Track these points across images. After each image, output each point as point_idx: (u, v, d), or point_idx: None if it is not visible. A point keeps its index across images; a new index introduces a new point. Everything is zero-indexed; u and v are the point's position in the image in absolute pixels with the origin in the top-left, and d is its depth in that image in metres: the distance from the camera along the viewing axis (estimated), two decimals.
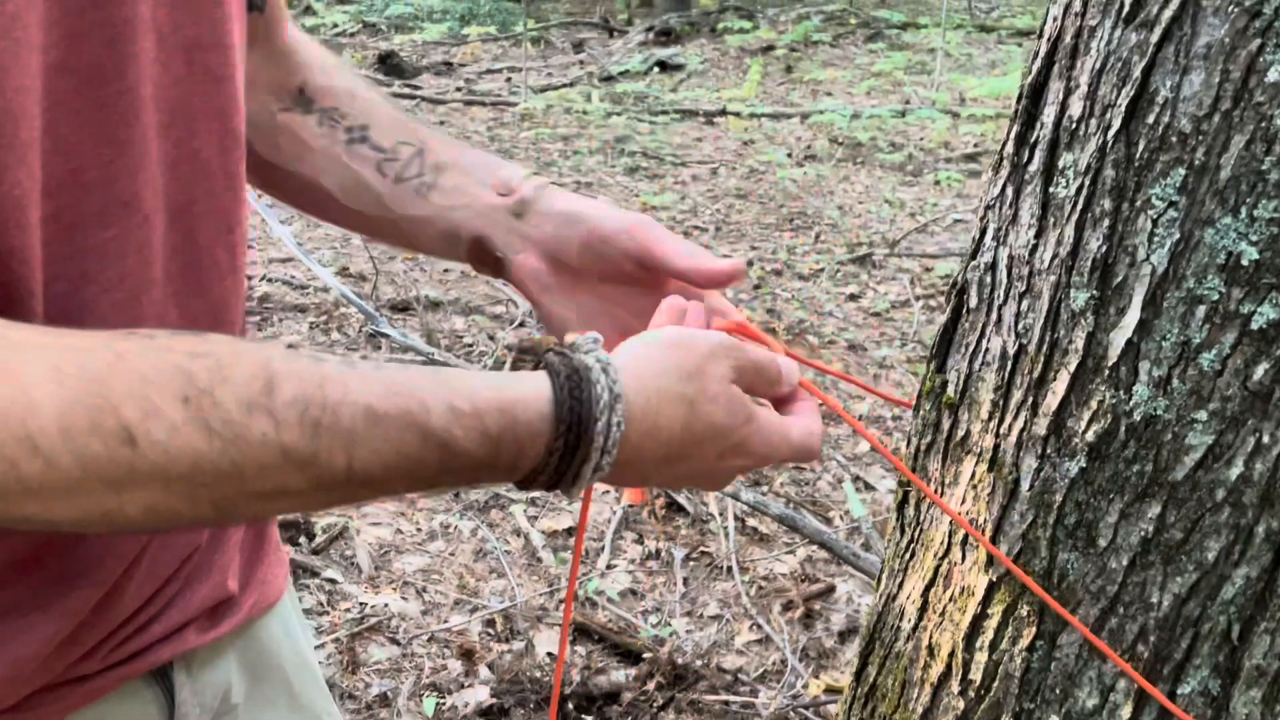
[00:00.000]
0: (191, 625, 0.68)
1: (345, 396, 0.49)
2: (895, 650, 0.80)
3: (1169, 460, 0.63)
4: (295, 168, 0.78)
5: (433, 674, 2.19)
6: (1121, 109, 0.61)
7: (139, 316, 0.58)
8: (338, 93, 0.79)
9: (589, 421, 0.52)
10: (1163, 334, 0.62)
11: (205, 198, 0.62)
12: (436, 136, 0.78)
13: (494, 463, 0.51)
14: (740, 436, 0.58)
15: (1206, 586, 0.65)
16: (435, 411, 0.50)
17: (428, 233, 0.75)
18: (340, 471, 0.48)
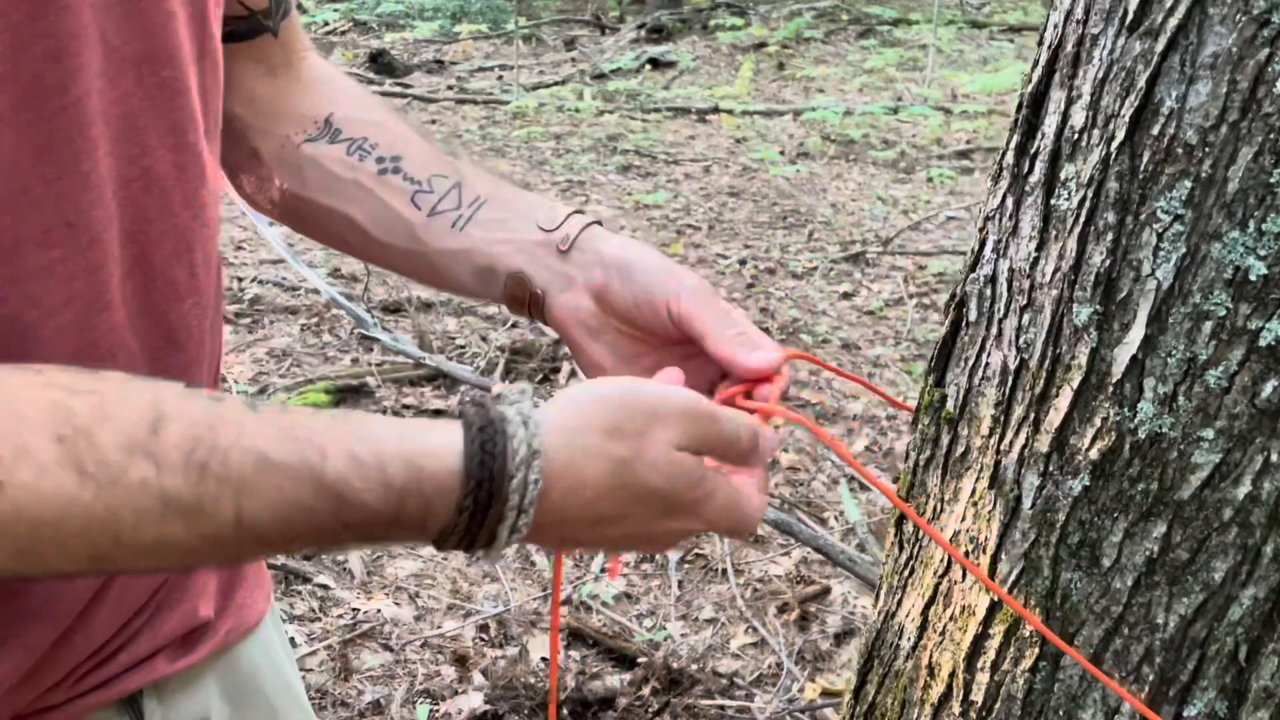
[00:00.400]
0: (162, 653, 0.66)
1: (238, 440, 0.46)
2: (895, 669, 0.79)
3: (1175, 479, 0.62)
4: (323, 200, 0.74)
5: (426, 680, 2.18)
6: (1125, 119, 0.59)
7: (92, 341, 0.56)
8: (367, 123, 0.76)
9: (502, 478, 0.49)
10: (1168, 350, 0.60)
11: (161, 217, 0.59)
12: (474, 170, 0.75)
13: (399, 519, 0.48)
14: (688, 501, 0.54)
15: (1213, 607, 0.63)
16: (333, 459, 0.46)
17: (462, 267, 0.72)
18: (228, 523, 0.45)
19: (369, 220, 0.73)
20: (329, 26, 9.10)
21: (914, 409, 0.80)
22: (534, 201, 0.73)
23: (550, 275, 0.70)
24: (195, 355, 0.64)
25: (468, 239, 0.71)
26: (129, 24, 0.56)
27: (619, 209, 4.93)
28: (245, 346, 3.49)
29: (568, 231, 0.70)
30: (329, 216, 0.75)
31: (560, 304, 0.70)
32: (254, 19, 0.75)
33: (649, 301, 0.67)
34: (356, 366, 3.30)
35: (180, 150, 0.60)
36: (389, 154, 0.74)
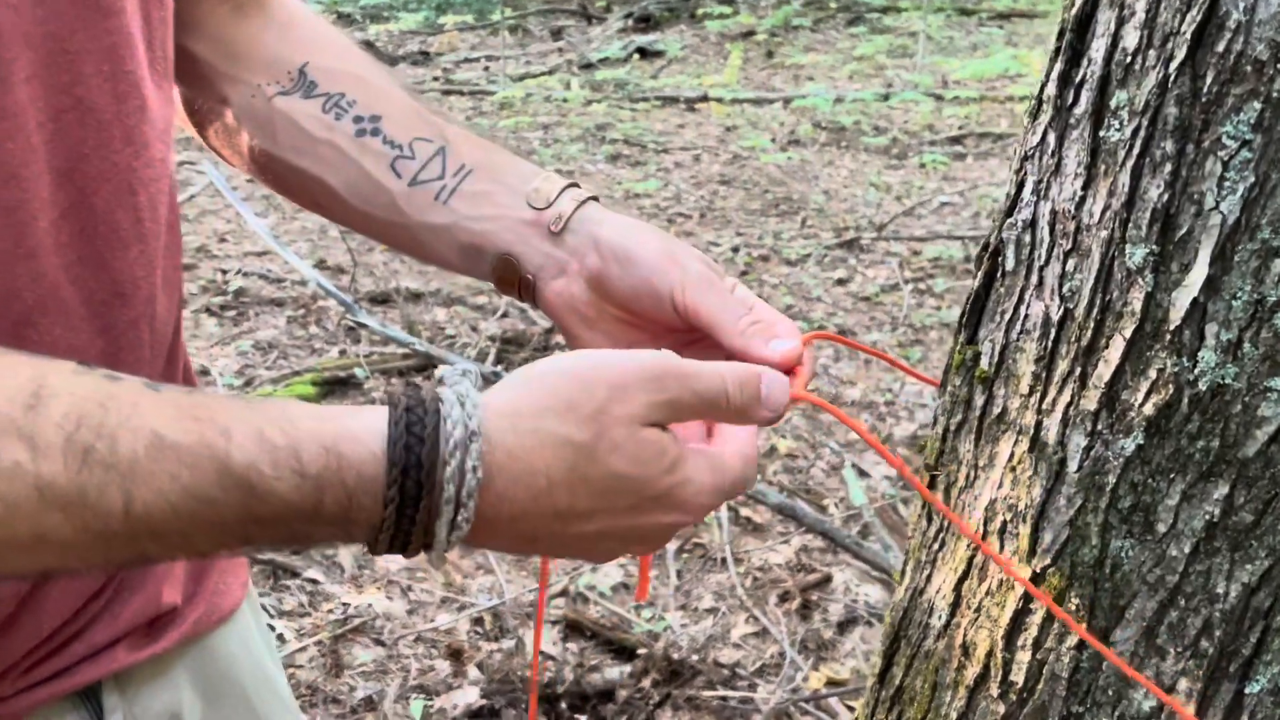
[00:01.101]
0: (122, 642, 0.61)
1: (128, 420, 0.40)
2: (924, 649, 0.73)
3: (1239, 434, 0.57)
4: (295, 160, 0.68)
5: (420, 675, 2.12)
6: (1186, 37, 0.54)
7: (14, 291, 0.50)
8: (346, 76, 0.69)
9: (433, 464, 0.42)
10: (1233, 292, 0.55)
11: (99, 154, 0.53)
12: (461, 133, 0.68)
13: (318, 513, 0.42)
14: (661, 488, 0.47)
15: (1279, 574, 0.58)
16: (239, 442, 0.40)
17: (446, 243, 0.66)
18: (116, 515, 0.39)
19: (345, 187, 0.67)
20: None
21: (935, 380, 0.74)
22: (525, 172, 0.66)
23: (542, 259, 0.64)
24: (143, 311, 0.57)
25: (452, 213, 0.65)
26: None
27: (609, 198, 4.87)
28: (230, 339, 3.42)
29: (560, 210, 0.64)
30: (302, 178, 0.68)
31: (553, 290, 0.64)
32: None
33: (652, 291, 0.61)
34: (344, 358, 3.23)
35: (117, 79, 0.54)
36: (368, 113, 0.67)
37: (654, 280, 0.61)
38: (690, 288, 0.61)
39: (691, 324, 0.62)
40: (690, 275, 0.61)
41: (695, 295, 0.61)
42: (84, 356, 0.55)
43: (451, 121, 0.70)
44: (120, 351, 0.57)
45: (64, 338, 0.54)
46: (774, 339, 0.60)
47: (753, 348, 0.60)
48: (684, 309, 0.61)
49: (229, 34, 0.69)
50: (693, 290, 0.61)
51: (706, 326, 0.61)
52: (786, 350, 0.60)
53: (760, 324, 0.61)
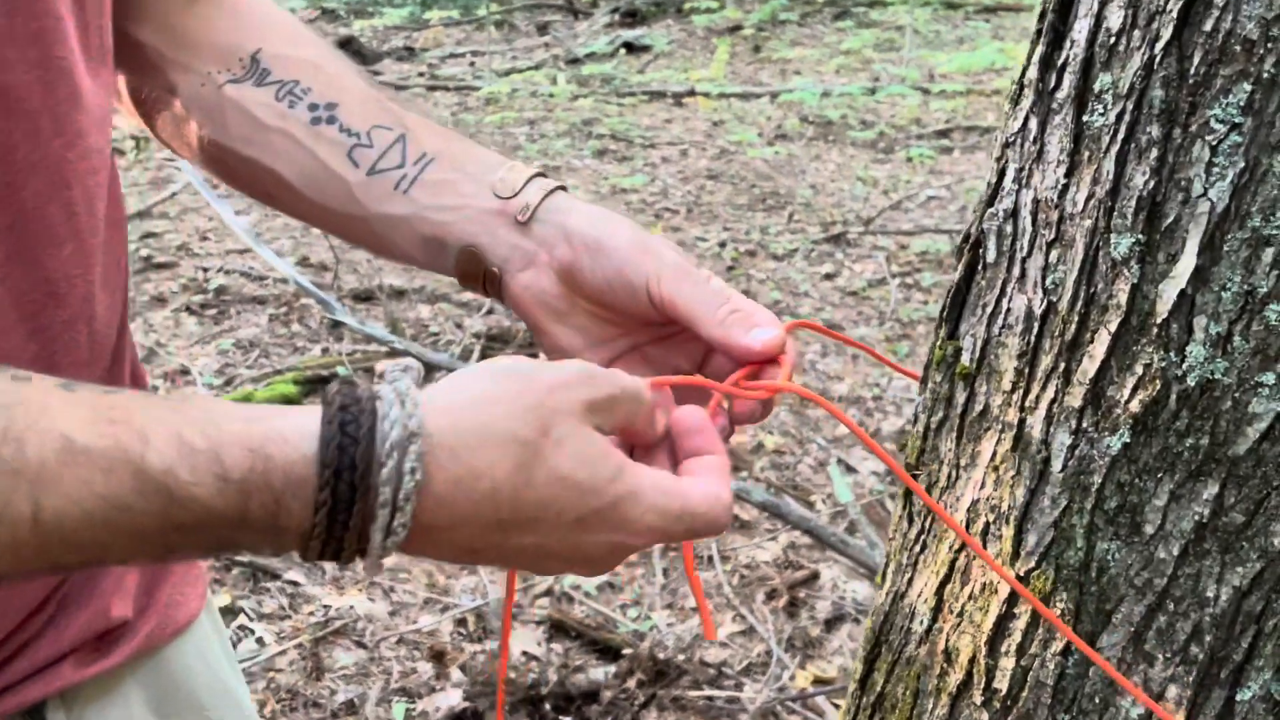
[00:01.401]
0: (68, 659, 0.58)
1: (36, 423, 0.37)
2: (906, 655, 0.71)
3: (1229, 432, 0.54)
4: (246, 150, 0.65)
5: (402, 678, 2.09)
6: (1172, 15, 0.51)
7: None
8: (300, 63, 0.66)
9: (368, 466, 0.40)
10: (1223, 283, 0.52)
11: (27, 144, 0.50)
12: (421, 121, 0.65)
13: (243, 518, 0.39)
14: (608, 499, 0.44)
15: (1271, 577, 0.56)
16: (155, 445, 0.38)
17: (405, 235, 0.63)
18: (24, 522, 0.37)
19: (299, 177, 0.64)
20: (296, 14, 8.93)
21: (919, 375, 0.72)
22: (489, 161, 0.63)
23: (508, 250, 0.61)
24: (79, 311, 0.54)
25: (412, 203, 0.62)
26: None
27: (595, 193, 4.84)
28: (211, 338, 3.38)
29: (527, 200, 0.61)
30: (253, 169, 0.65)
31: (520, 283, 0.61)
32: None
33: (625, 282, 0.59)
34: (327, 356, 3.20)
35: (45, 66, 0.51)
36: (323, 100, 0.64)
37: (628, 270, 0.59)
38: (666, 278, 0.59)
39: (667, 315, 0.59)
40: (666, 265, 0.59)
41: (672, 285, 0.59)
42: (16, 361, 0.52)
43: (411, 110, 0.67)
44: (55, 355, 0.54)
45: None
46: (755, 327, 0.58)
47: (734, 336, 0.58)
48: (660, 299, 0.59)
49: (177, 20, 0.66)
50: (669, 280, 0.59)
51: (684, 317, 0.59)
52: (769, 338, 0.58)
53: (740, 313, 0.59)
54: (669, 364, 0.63)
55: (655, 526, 0.45)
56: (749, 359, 0.59)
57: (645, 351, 0.62)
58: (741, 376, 0.60)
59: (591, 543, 0.45)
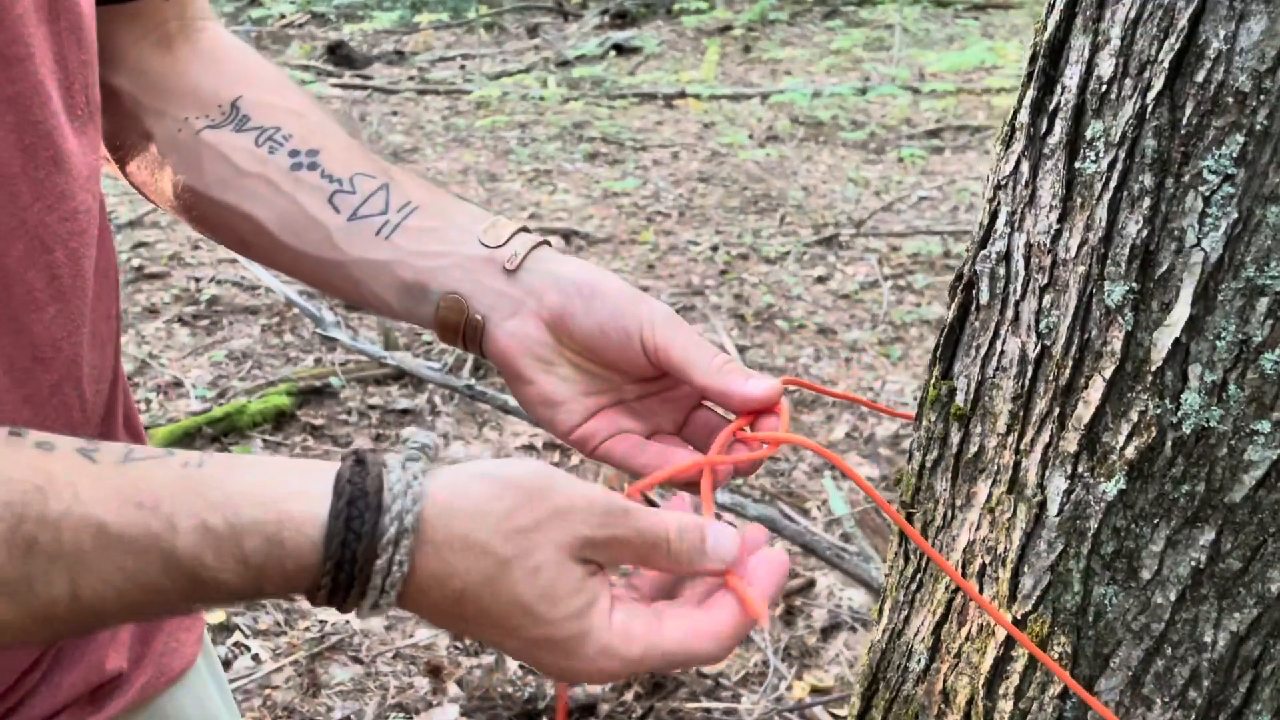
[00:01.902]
0: (63, 714, 0.58)
1: (71, 508, 0.40)
2: (903, 694, 0.71)
3: (1225, 479, 0.54)
4: (222, 195, 0.64)
5: (399, 694, 2.09)
6: (1164, 66, 0.51)
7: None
8: (281, 110, 0.65)
9: (368, 559, 0.44)
10: (1217, 332, 0.52)
11: (5, 212, 0.50)
12: (406, 174, 0.65)
13: (259, 592, 0.44)
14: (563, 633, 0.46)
15: (1269, 622, 0.56)
16: (183, 533, 0.41)
17: (384, 281, 0.62)
18: (63, 600, 0.40)
19: (275, 221, 0.63)
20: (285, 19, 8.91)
21: (913, 415, 0.71)
22: (474, 213, 0.63)
23: (494, 298, 0.60)
24: (66, 373, 0.54)
25: (394, 249, 0.61)
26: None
27: (587, 197, 4.83)
28: (204, 349, 3.36)
29: (515, 249, 0.61)
30: (228, 214, 0.64)
31: (505, 331, 0.60)
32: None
33: (619, 327, 0.59)
34: (320, 367, 3.19)
35: (23, 130, 0.50)
36: (305, 147, 0.63)
37: (621, 316, 0.59)
38: (660, 325, 0.59)
39: (659, 362, 0.59)
40: (658, 314, 0.60)
41: (665, 333, 0.59)
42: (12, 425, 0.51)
43: (395, 165, 0.67)
44: (47, 419, 0.54)
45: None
46: (750, 378, 0.58)
47: (731, 385, 0.58)
48: (653, 346, 0.59)
49: (152, 66, 0.66)
50: (662, 328, 0.59)
51: (678, 365, 0.59)
52: (769, 386, 0.58)
53: (733, 363, 0.59)
54: (652, 419, 0.62)
55: (605, 669, 0.47)
56: (748, 407, 0.59)
57: (629, 406, 0.62)
58: (740, 425, 0.60)
59: (548, 662, 0.47)
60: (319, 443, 2.85)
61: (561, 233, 4.34)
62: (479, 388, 2.54)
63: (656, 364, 0.59)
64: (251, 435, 2.85)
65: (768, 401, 0.58)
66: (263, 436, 2.85)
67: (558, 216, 4.58)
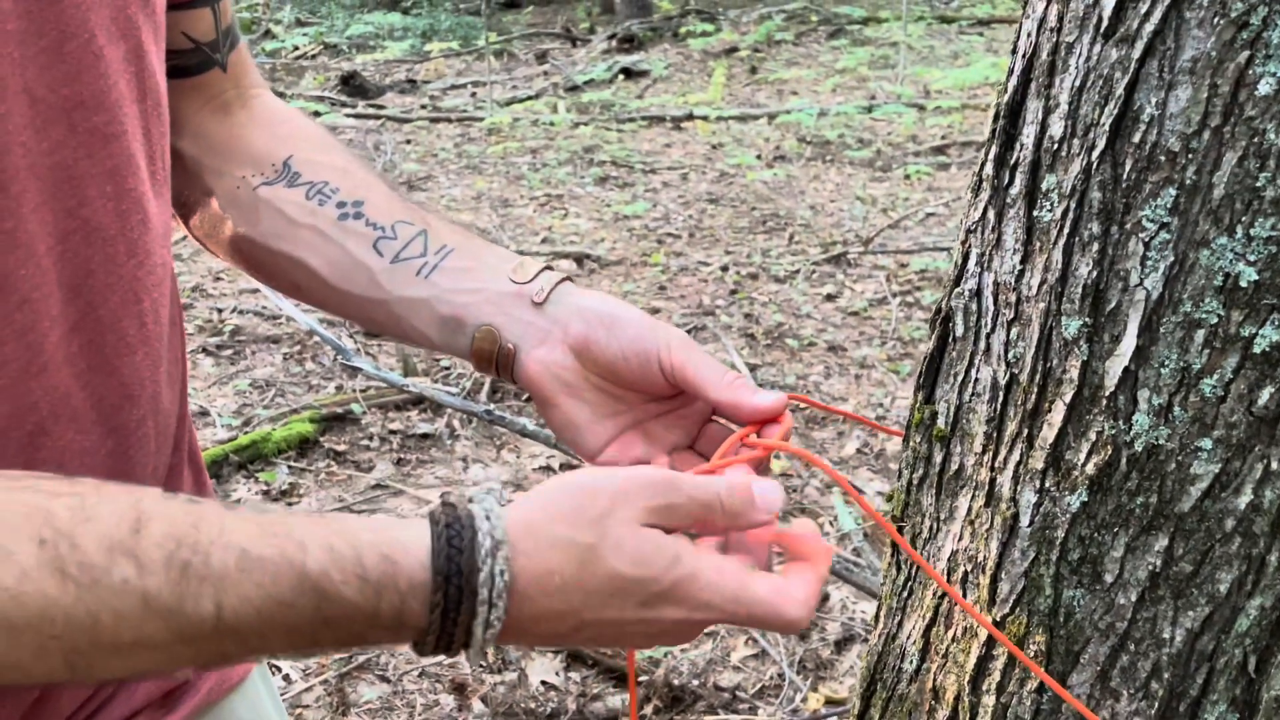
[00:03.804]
0: (139, 716, 0.64)
1: (219, 537, 0.46)
2: (898, 693, 0.77)
3: (1174, 491, 0.60)
4: (277, 245, 0.71)
5: (425, 711, 2.15)
6: (1105, 128, 0.58)
7: (30, 404, 0.54)
8: (328, 167, 0.73)
9: (471, 571, 0.48)
10: (1161, 360, 0.59)
11: (105, 269, 0.57)
12: (441, 220, 0.72)
13: (376, 614, 0.47)
14: (667, 583, 0.51)
15: (1220, 619, 0.62)
16: (312, 552, 0.46)
17: (425, 317, 0.68)
18: (209, 620, 0.45)
19: (326, 266, 0.70)
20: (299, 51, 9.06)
21: (902, 431, 0.78)
22: (503, 254, 0.70)
23: (523, 329, 0.67)
24: (149, 409, 0.61)
25: (433, 287, 0.68)
26: (55, 71, 0.54)
27: (598, 220, 4.92)
28: (228, 378, 3.45)
29: (542, 285, 0.67)
30: (283, 262, 0.72)
31: (534, 359, 0.67)
32: (200, 51, 0.72)
33: (639, 352, 0.65)
34: (341, 394, 3.27)
35: (120, 198, 0.58)
36: (350, 199, 0.71)
37: (642, 342, 0.65)
38: (675, 348, 0.65)
39: (676, 382, 0.65)
40: (674, 338, 0.66)
41: (681, 354, 0.65)
42: (94, 456, 0.59)
43: (433, 211, 0.74)
44: (129, 449, 0.61)
45: (76, 441, 0.57)
46: (758, 392, 0.64)
47: (742, 398, 0.64)
48: (670, 367, 0.65)
49: (213, 131, 0.74)
50: (678, 350, 0.65)
51: (693, 383, 0.65)
52: (773, 399, 0.64)
53: (742, 379, 0.65)
54: (668, 437, 0.69)
55: (713, 603, 0.51)
56: (756, 418, 0.64)
57: (646, 427, 0.68)
58: (744, 435, 0.66)
59: (660, 619, 0.51)
60: (342, 468, 2.93)
61: (574, 256, 4.42)
62: (497, 412, 2.61)
63: (673, 383, 0.65)
64: (277, 462, 2.92)
65: (774, 412, 0.64)
66: (288, 463, 2.92)
67: (570, 240, 4.67)
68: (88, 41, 0.55)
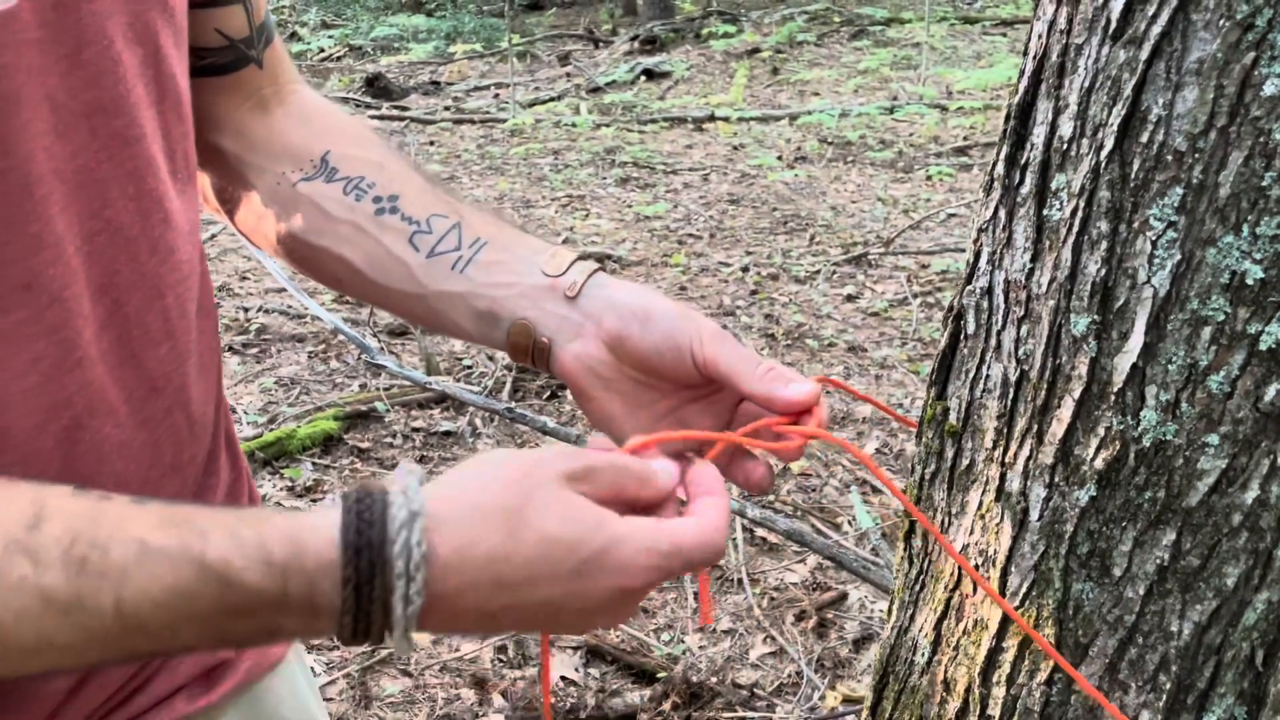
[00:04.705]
0: (181, 693, 0.67)
1: (118, 531, 0.45)
2: (910, 684, 0.78)
3: (1182, 486, 0.61)
4: (317, 240, 0.72)
5: (446, 705, 2.17)
6: (1114, 128, 0.59)
7: (64, 400, 0.56)
8: (365, 162, 0.74)
9: (382, 543, 0.46)
10: (1168, 357, 0.60)
11: (129, 267, 0.59)
12: (475, 212, 0.73)
13: (284, 599, 0.46)
14: (595, 547, 0.49)
15: (1227, 613, 0.63)
16: (214, 539, 0.46)
17: (461, 311, 0.69)
18: (109, 615, 0.44)
19: (365, 261, 0.72)
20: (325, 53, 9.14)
21: (917, 421, 0.79)
22: (536, 245, 0.71)
23: (558, 323, 0.67)
24: (175, 400, 0.64)
25: (468, 281, 0.69)
26: (74, 78, 0.55)
27: (619, 221, 4.94)
28: (254, 376, 3.50)
29: (574, 278, 0.68)
30: (323, 256, 0.73)
31: (570, 352, 0.67)
32: (235, 48, 0.73)
33: (673, 344, 0.65)
34: (365, 392, 3.30)
35: (141, 198, 0.60)
36: (386, 193, 0.72)
37: (675, 335, 0.65)
38: (708, 340, 0.65)
39: (709, 374, 0.66)
40: (706, 330, 0.66)
41: (714, 346, 0.65)
42: (130, 449, 0.61)
43: (466, 202, 0.75)
44: (159, 440, 0.63)
45: (113, 434, 0.60)
46: (791, 383, 0.64)
47: (775, 391, 0.64)
48: (703, 359, 0.65)
49: (253, 128, 0.75)
50: (710, 342, 0.65)
51: (725, 374, 0.65)
52: (807, 390, 0.64)
53: (775, 370, 0.65)
54: (701, 425, 0.69)
55: (650, 565, 0.50)
56: (790, 410, 0.64)
57: (681, 414, 0.69)
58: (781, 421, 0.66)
59: (594, 590, 0.50)
60: (366, 465, 2.96)
61: (595, 257, 4.43)
62: (519, 410, 2.63)
63: (705, 374, 0.66)
64: (301, 459, 2.96)
65: (807, 404, 0.64)
66: (312, 459, 2.96)
67: (591, 241, 4.69)
68: (106, 48, 0.57)
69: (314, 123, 0.77)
